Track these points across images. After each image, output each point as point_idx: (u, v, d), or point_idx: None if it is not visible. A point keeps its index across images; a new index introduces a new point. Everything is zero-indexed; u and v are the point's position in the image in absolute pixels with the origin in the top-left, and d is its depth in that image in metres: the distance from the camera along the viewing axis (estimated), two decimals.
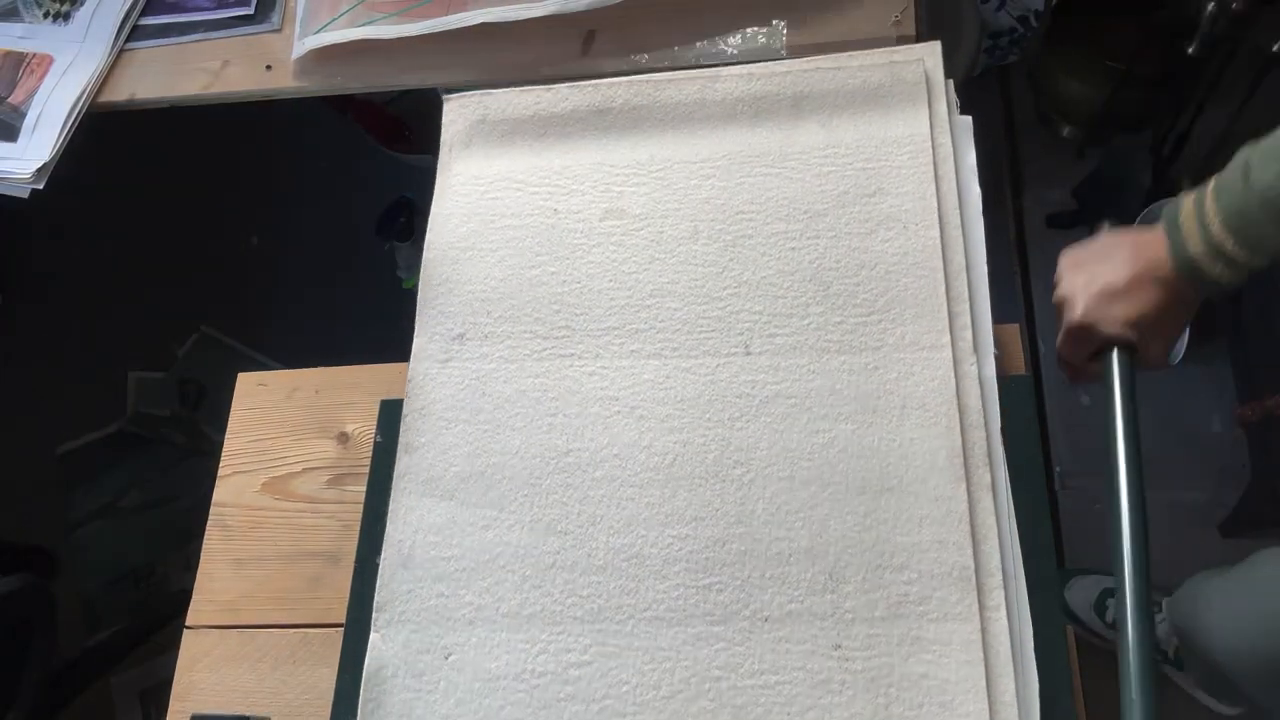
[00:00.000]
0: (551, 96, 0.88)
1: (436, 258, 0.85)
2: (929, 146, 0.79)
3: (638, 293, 0.80)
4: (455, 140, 0.90)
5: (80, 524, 1.86)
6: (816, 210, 0.79)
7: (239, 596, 0.82)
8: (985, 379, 0.72)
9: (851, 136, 0.81)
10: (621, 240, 0.82)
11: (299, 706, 0.77)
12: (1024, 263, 1.76)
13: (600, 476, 0.75)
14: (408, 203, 1.84)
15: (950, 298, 0.74)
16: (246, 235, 2.13)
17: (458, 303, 0.82)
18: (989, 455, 0.70)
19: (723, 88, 0.85)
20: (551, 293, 0.81)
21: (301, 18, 1.12)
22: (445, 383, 0.80)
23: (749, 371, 0.76)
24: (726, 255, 0.80)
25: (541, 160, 0.86)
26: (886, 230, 0.78)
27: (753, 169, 0.82)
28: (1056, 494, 1.58)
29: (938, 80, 0.82)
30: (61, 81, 1.16)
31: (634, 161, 0.85)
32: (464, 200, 0.86)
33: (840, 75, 0.84)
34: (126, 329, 2.04)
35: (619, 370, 0.78)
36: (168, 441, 1.93)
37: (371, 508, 0.79)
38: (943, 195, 0.78)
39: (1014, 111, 1.90)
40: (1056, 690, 0.65)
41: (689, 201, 0.82)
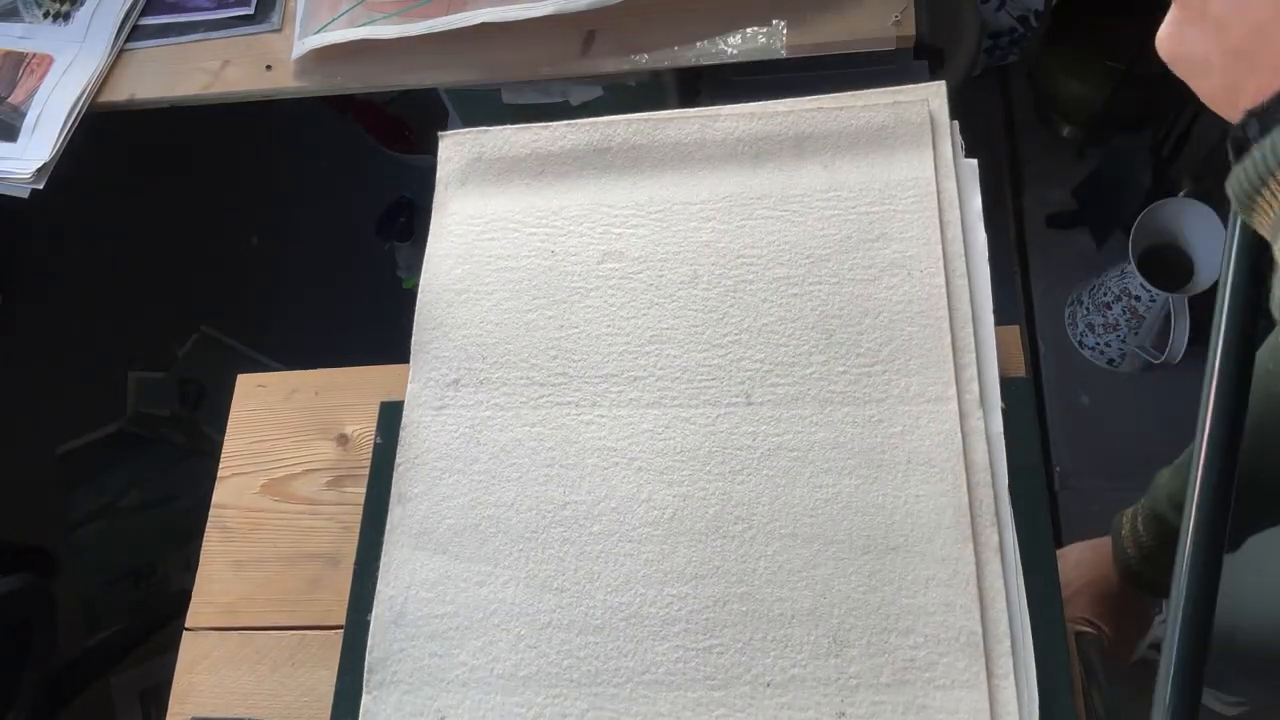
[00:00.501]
0: (549, 134, 0.86)
1: (431, 300, 0.83)
2: (934, 190, 0.78)
3: (636, 338, 0.78)
4: (451, 178, 0.87)
5: (80, 524, 1.86)
6: (819, 255, 0.78)
7: (238, 598, 0.82)
8: (992, 435, 0.70)
9: (854, 179, 0.80)
10: (620, 284, 0.80)
11: (298, 709, 0.77)
12: (1024, 263, 1.77)
13: (598, 531, 0.73)
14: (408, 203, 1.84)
15: (956, 348, 0.73)
16: (246, 235, 2.13)
17: (452, 347, 0.80)
18: (996, 515, 0.68)
19: (723, 127, 0.83)
20: (548, 337, 0.79)
21: (301, 18, 1.12)
22: (440, 431, 0.78)
23: (750, 422, 0.74)
24: (727, 301, 0.78)
25: (539, 200, 0.85)
26: (890, 277, 0.76)
27: (754, 211, 0.81)
28: (1056, 494, 1.58)
29: (942, 121, 0.80)
30: (61, 81, 1.16)
31: (633, 202, 0.83)
32: (459, 241, 0.84)
33: (843, 116, 0.82)
34: (126, 329, 2.04)
35: (617, 419, 0.76)
36: (168, 441, 1.93)
37: (371, 510, 0.79)
38: (948, 241, 0.76)
39: (1014, 111, 1.90)
40: (1056, 690, 0.65)
41: (689, 244, 0.80)
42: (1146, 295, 1.48)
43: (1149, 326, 1.52)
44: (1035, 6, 1.71)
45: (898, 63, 1.23)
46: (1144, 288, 1.46)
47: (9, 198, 1.13)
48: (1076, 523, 1.54)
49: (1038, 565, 0.68)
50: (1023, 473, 0.70)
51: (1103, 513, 1.55)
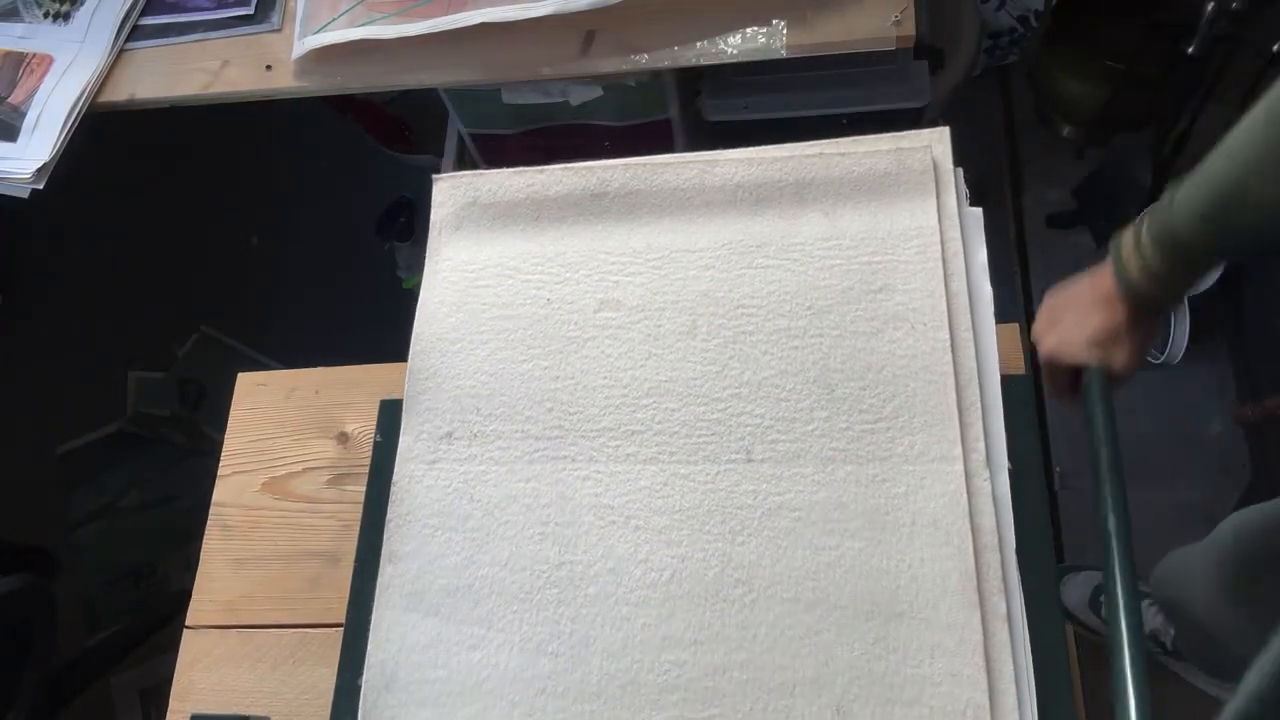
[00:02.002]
0: (545, 179, 0.84)
1: (425, 349, 0.81)
2: (938, 240, 0.76)
3: (634, 391, 0.76)
4: (445, 223, 0.85)
5: (80, 524, 1.86)
6: (820, 306, 0.76)
7: (239, 596, 0.82)
8: (999, 497, 0.68)
9: (856, 227, 0.78)
10: (617, 334, 0.78)
11: (298, 706, 0.77)
12: (1024, 263, 1.77)
13: (594, 593, 0.71)
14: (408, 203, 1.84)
15: (961, 406, 0.71)
16: (246, 235, 2.13)
17: (446, 399, 0.78)
18: (1004, 581, 0.66)
19: (722, 172, 0.82)
20: (544, 389, 0.77)
21: (301, 18, 1.12)
22: (432, 486, 0.76)
23: (750, 480, 0.72)
24: (726, 353, 0.76)
25: (535, 246, 0.83)
26: (894, 330, 0.74)
27: (753, 260, 0.78)
28: (1056, 494, 1.58)
29: (946, 169, 0.78)
30: (61, 81, 1.16)
31: (630, 249, 0.81)
32: (454, 288, 0.82)
33: (844, 162, 0.80)
34: (126, 329, 2.04)
35: (614, 475, 0.74)
36: (168, 441, 1.93)
37: (371, 508, 0.79)
38: (952, 294, 0.74)
39: (1014, 111, 1.90)
40: (1056, 690, 0.65)
41: (687, 293, 0.78)
42: None
43: None
44: (1035, 6, 1.71)
45: (898, 63, 1.23)
46: None
47: (9, 198, 1.13)
48: (1076, 523, 1.54)
49: (1038, 566, 0.68)
50: (1023, 473, 0.70)
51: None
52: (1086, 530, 1.56)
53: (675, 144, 1.35)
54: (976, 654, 0.64)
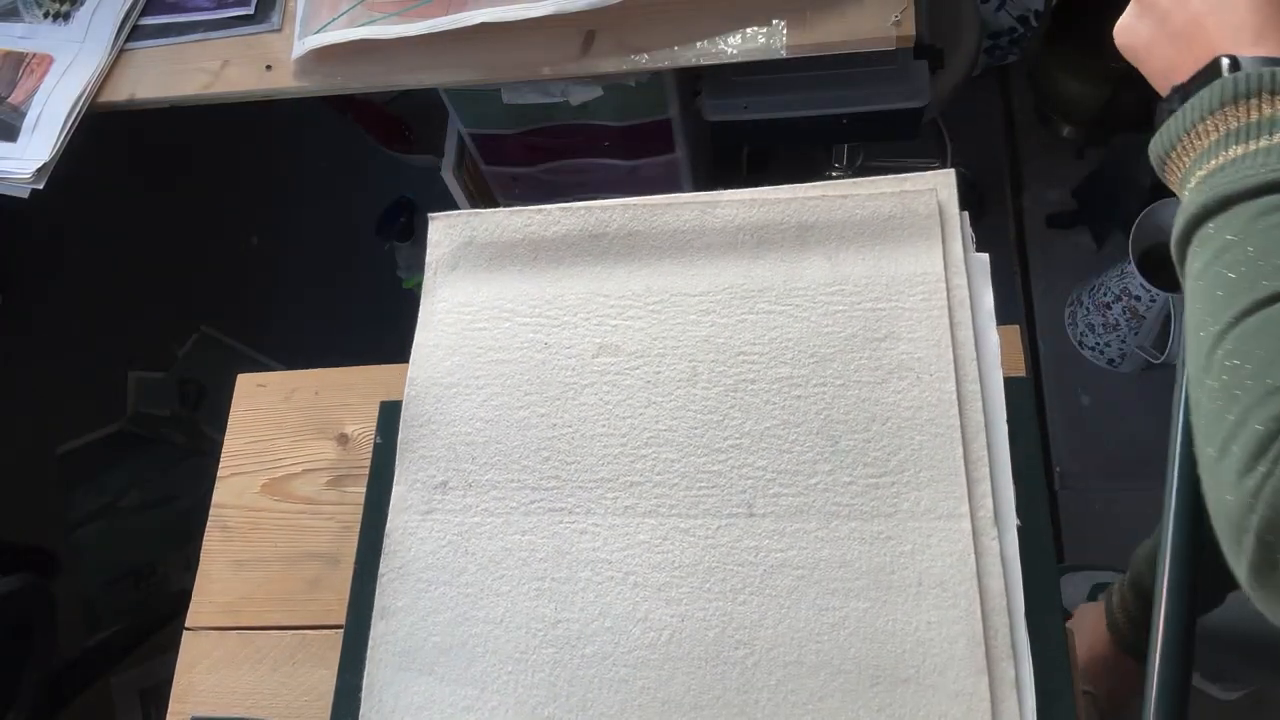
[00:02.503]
0: (543, 219, 0.82)
1: (419, 395, 0.79)
2: (943, 288, 0.74)
3: (633, 440, 0.75)
4: (441, 263, 0.84)
5: (80, 524, 1.86)
6: (823, 354, 0.74)
7: (238, 598, 0.82)
8: (1008, 557, 0.66)
9: (860, 272, 0.76)
10: (615, 380, 0.77)
11: (298, 708, 0.77)
12: (1024, 263, 1.77)
13: (591, 653, 0.69)
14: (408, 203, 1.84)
15: (968, 460, 0.69)
16: (246, 235, 2.13)
17: (441, 446, 0.77)
18: (1013, 646, 0.64)
19: (723, 214, 0.80)
20: (541, 437, 0.76)
21: (301, 18, 1.12)
22: (426, 538, 0.74)
23: (752, 536, 0.70)
24: (727, 401, 0.74)
25: (532, 287, 0.81)
26: (898, 380, 0.72)
27: (755, 305, 0.77)
28: (1056, 494, 1.58)
29: (952, 213, 0.77)
30: (61, 81, 1.16)
31: (630, 292, 0.80)
32: (449, 331, 0.81)
33: (847, 205, 0.78)
34: (126, 329, 2.04)
35: (612, 529, 0.72)
36: (168, 441, 1.93)
37: (371, 509, 0.79)
38: (959, 343, 0.72)
39: (1014, 111, 1.90)
40: (1057, 690, 0.65)
41: (687, 339, 0.77)
42: (1146, 295, 1.48)
43: (1149, 326, 1.52)
44: (1035, 6, 1.71)
45: (898, 63, 1.23)
46: (1144, 288, 1.46)
47: (9, 198, 1.13)
48: (1076, 523, 1.54)
49: (1037, 566, 0.68)
50: (1023, 473, 0.70)
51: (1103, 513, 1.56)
52: (1087, 530, 1.56)
53: (675, 144, 1.35)
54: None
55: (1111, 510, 1.55)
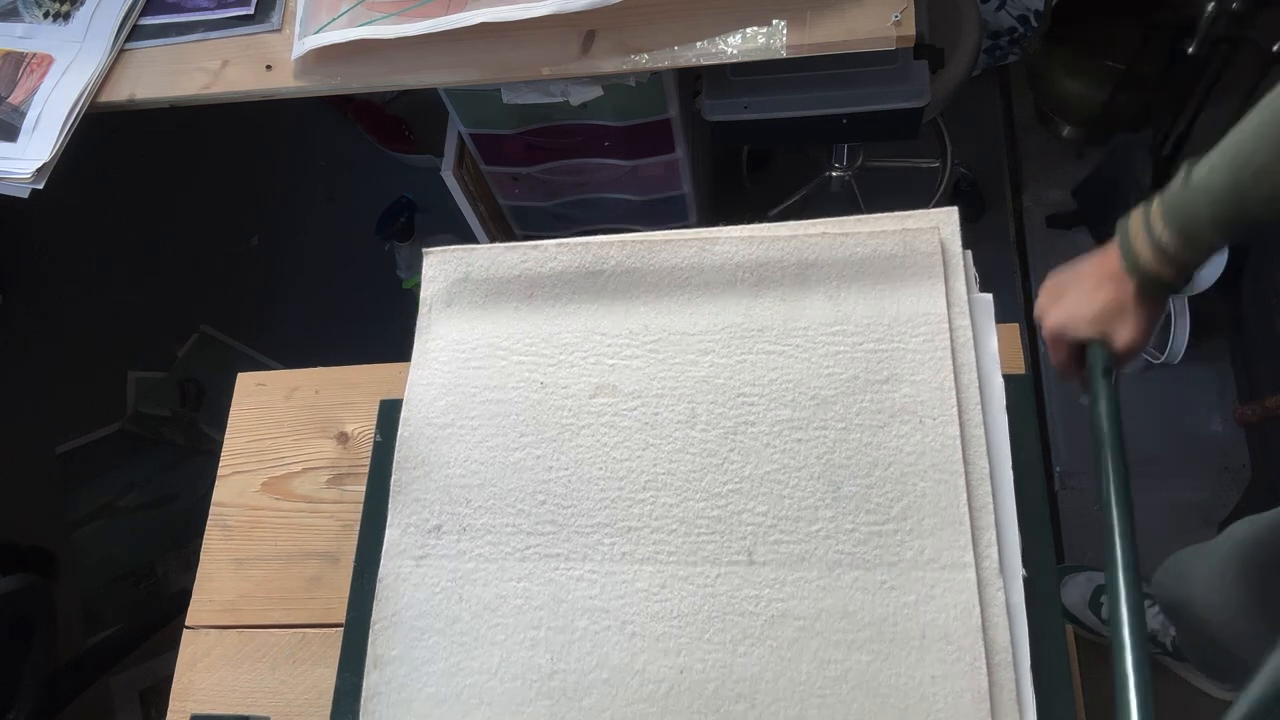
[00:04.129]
0: (539, 255, 0.81)
1: (413, 435, 0.78)
2: (946, 328, 0.73)
3: (630, 484, 0.73)
4: (436, 299, 0.82)
5: (80, 524, 1.86)
6: (824, 397, 0.73)
7: (239, 596, 0.82)
8: (1014, 608, 0.65)
9: (861, 312, 0.75)
10: (613, 421, 0.75)
11: (299, 706, 0.77)
12: (1024, 263, 1.77)
13: (588, 706, 0.67)
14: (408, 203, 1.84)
15: (973, 508, 0.67)
16: (246, 235, 2.13)
17: (435, 489, 0.76)
18: (1019, 702, 0.63)
19: (722, 251, 0.78)
20: (536, 480, 0.74)
21: (301, 18, 1.12)
22: (419, 584, 0.73)
23: (752, 584, 0.68)
24: (727, 445, 0.73)
25: (528, 325, 0.80)
26: (901, 424, 0.71)
27: (754, 344, 0.75)
28: (1056, 494, 1.58)
29: (955, 252, 0.75)
30: (61, 81, 1.16)
31: (627, 330, 0.78)
32: (444, 369, 0.80)
33: (848, 243, 0.77)
34: (126, 329, 2.04)
35: (609, 576, 0.71)
36: (168, 441, 1.93)
37: (371, 508, 0.79)
38: (962, 386, 0.71)
39: (1014, 111, 1.90)
40: (1057, 690, 0.65)
41: (686, 380, 0.75)
42: None
43: None
44: (1035, 6, 1.71)
45: (898, 62, 1.23)
46: None
47: (9, 198, 1.13)
48: (1076, 523, 1.54)
49: (1037, 566, 0.68)
50: (1023, 473, 0.70)
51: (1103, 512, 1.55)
52: (1086, 530, 1.56)
53: (675, 144, 1.35)
54: None
55: None
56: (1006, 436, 0.70)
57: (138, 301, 2.07)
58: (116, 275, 2.11)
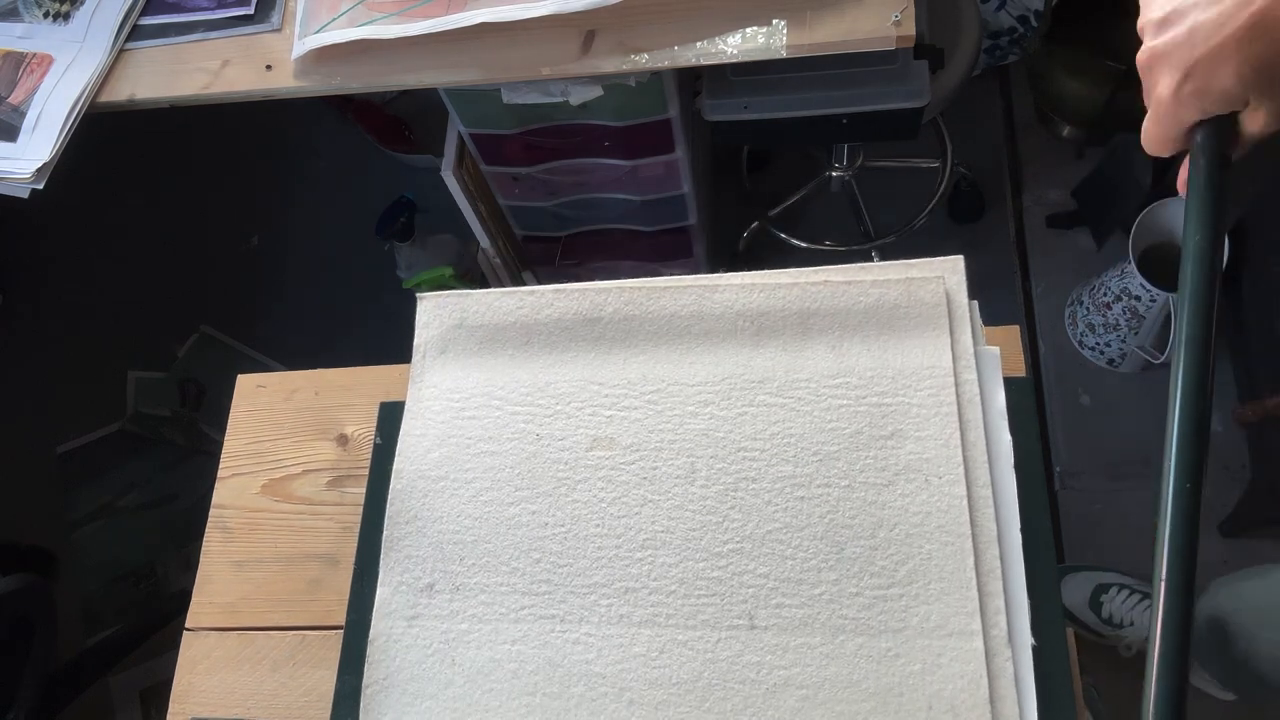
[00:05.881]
0: (535, 301, 0.79)
1: (405, 489, 0.76)
2: (952, 382, 0.71)
3: (628, 542, 0.71)
4: (430, 346, 0.81)
5: (80, 524, 1.86)
6: (827, 452, 0.71)
7: (238, 598, 0.82)
8: (1022, 679, 0.63)
9: (864, 364, 0.73)
10: (610, 476, 0.73)
11: (299, 709, 0.76)
12: (1024, 263, 1.77)
13: None
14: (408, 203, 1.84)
15: (980, 572, 0.66)
16: (246, 235, 2.13)
17: (427, 545, 0.74)
18: None
19: (722, 299, 0.77)
20: (532, 537, 0.72)
21: (301, 18, 1.12)
22: (411, 645, 0.71)
23: (754, 650, 0.67)
24: (727, 502, 0.71)
25: (524, 374, 0.78)
26: (906, 482, 0.69)
27: (755, 396, 0.74)
28: (1056, 494, 1.58)
29: (960, 302, 0.73)
30: (61, 81, 1.16)
31: (625, 380, 0.76)
32: (437, 419, 0.78)
33: (851, 291, 0.75)
34: (126, 329, 2.04)
35: (606, 639, 0.69)
36: (168, 441, 1.93)
37: (371, 510, 0.79)
38: (969, 444, 0.69)
39: (1014, 111, 1.90)
40: (1056, 690, 0.65)
41: (685, 432, 0.74)
42: (1146, 295, 1.48)
43: (1149, 326, 1.52)
44: (1035, 6, 1.71)
45: (898, 62, 1.23)
46: (1144, 287, 1.46)
47: (9, 198, 1.13)
48: (1076, 523, 1.54)
49: (1038, 566, 0.68)
50: (1023, 473, 0.70)
51: (1103, 512, 1.56)
52: (1087, 530, 1.56)
53: (675, 144, 1.35)
54: None
55: (1111, 510, 1.55)
56: (1015, 497, 0.68)
57: (138, 301, 2.07)
58: (116, 275, 2.11)
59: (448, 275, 1.62)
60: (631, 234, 1.58)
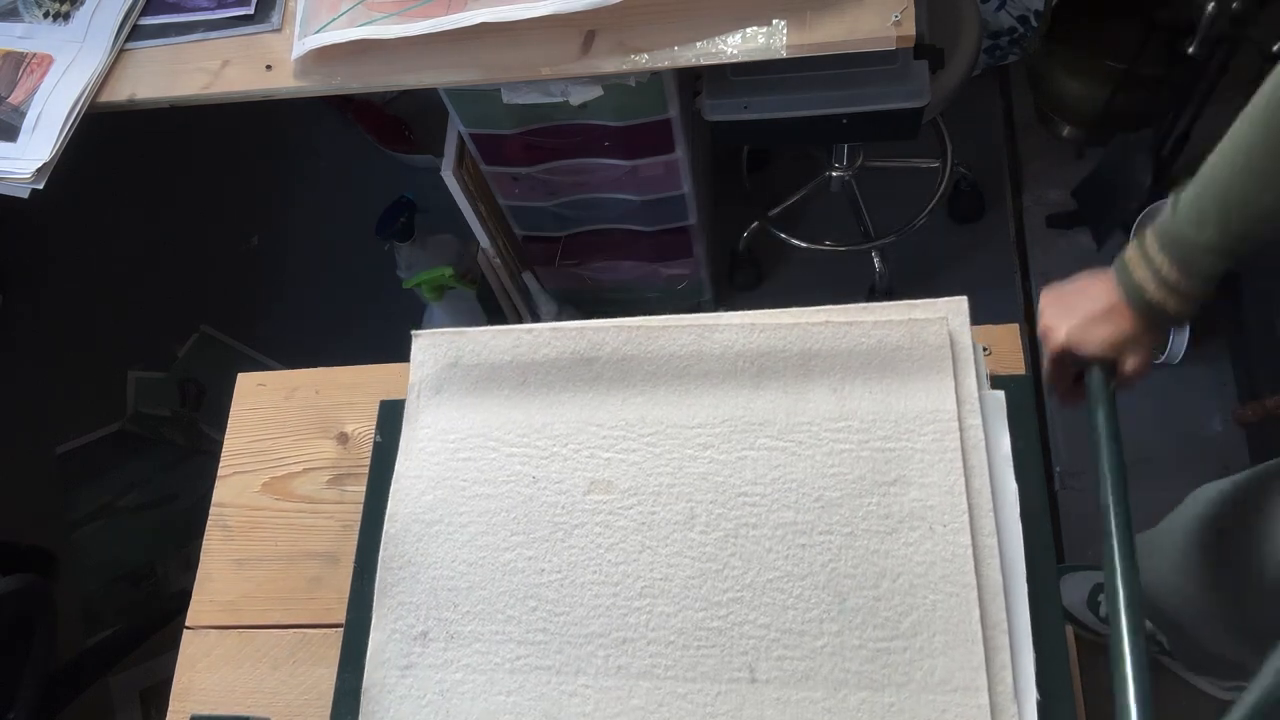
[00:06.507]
0: (532, 340, 0.78)
1: (399, 533, 0.74)
2: (956, 427, 0.69)
3: (625, 590, 0.69)
4: (424, 385, 0.79)
5: (80, 524, 1.86)
6: (829, 499, 0.69)
7: (239, 597, 0.82)
8: None
9: (867, 407, 0.71)
10: (608, 521, 0.72)
11: (299, 706, 0.77)
12: (1024, 263, 1.76)
13: None
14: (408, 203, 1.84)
15: (986, 625, 0.64)
16: (246, 235, 2.13)
17: (421, 591, 0.72)
18: None
19: (721, 339, 0.75)
20: (528, 583, 0.71)
21: (301, 18, 1.12)
22: (405, 696, 0.69)
23: (754, 704, 0.65)
24: (727, 549, 0.69)
25: (520, 414, 0.76)
26: (910, 530, 0.67)
27: (756, 439, 0.72)
28: (1056, 494, 1.58)
29: (965, 344, 0.72)
30: (61, 81, 1.16)
31: (623, 421, 0.75)
32: (432, 461, 0.76)
33: (853, 333, 0.73)
34: (126, 329, 2.04)
35: (604, 691, 0.67)
36: (168, 441, 1.93)
37: (371, 509, 0.79)
38: (974, 491, 0.68)
39: (1014, 111, 1.90)
40: (1056, 690, 0.65)
41: (684, 476, 0.72)
42: None
43: None
44: (1035, 6, 1.71)
45: (898, 62, 1.23)
46: None
47: (9, 198, 1.13)
48: (1076, 522, 1.54)
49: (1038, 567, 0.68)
50: (1023, 472, 0.70)
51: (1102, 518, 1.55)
52: (1086, 530, 1.56)
53: (675, 144, 1.35)
54: None
55: None
56: (1021, 546, 0.67)
57: (138, 301, 2.07)
58: (116, 275, 2.11)
59: (448, 275, 1.62)
60: (631, 234, 1.58)
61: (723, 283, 1.84)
